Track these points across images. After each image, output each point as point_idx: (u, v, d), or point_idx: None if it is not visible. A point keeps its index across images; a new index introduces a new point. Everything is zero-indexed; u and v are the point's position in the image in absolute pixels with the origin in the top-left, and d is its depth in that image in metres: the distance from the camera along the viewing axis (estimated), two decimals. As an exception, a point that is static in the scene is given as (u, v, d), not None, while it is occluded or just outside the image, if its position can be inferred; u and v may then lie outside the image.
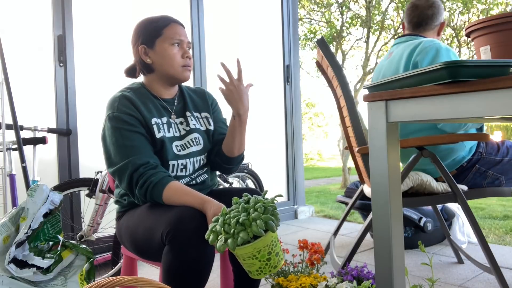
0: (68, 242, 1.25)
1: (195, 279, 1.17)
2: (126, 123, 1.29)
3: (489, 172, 1.85)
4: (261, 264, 1.06)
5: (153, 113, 1.36)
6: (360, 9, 9.18)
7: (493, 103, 0.74)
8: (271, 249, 1.06)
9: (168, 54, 1.36)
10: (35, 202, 1.21)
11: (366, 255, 2.54)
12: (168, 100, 1.44)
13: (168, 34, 1.37)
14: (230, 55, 3.47)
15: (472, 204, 4.46)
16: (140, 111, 1.32)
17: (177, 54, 1.37)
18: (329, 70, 1.95)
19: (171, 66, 1.37)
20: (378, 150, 0.96)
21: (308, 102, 12.39)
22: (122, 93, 1.36)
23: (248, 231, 1.03)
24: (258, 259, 1.05)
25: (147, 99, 1.38)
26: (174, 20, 1.41)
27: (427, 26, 2.00)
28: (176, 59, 1.37)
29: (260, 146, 3.67)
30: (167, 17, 1.40)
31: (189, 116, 1.45)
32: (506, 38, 1.04)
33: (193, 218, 1.16)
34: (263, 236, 1.03)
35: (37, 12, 2.48)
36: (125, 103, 1.32)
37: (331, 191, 6.62)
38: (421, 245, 1.27)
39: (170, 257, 1.14)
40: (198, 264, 1.15)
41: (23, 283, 1.09)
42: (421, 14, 1.99)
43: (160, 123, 1.36)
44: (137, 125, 1.30)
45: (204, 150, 1.45)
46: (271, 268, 1.07)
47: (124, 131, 1.28)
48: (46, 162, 2.45)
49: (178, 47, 1.38)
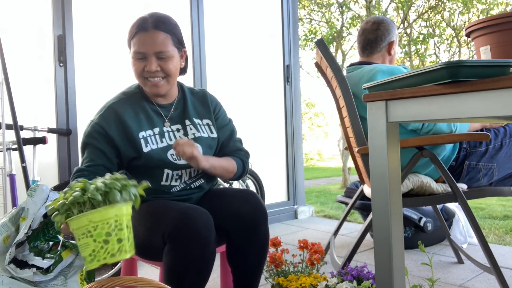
0: (68, 242, 1.25)
1: (196, 278, 1.17)
2: (95, 139, 1.32)
3: (480, 165, 1.86)
4: (96, 246, 0.90)
5: (143, 125, 1.34)
6: (360, 9, 9.18)
7: (493, 103, 0.74)
8: (112, 230, 0.91)
9: (133, 67, 1.33)
10: (35, 202, 1.21)
11: (366, 255, 2.54)
12: (164, 106, 1.41)
13: (133, 46, 1.31)
14: (230, 55, 3.47)
15: (472, 204, 4.46)
16: (126, 125, 1.32)
17: (139, 68, 1.31)
18: (328, 70, 1.95)
19: (138, 79, 1.36)
20: (378, 150, 0.96)
21: (308, 102, 12.39)
22: (112, 103, 1.36)
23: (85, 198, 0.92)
24: (94, 238, 0.90)
25: (139, 107, 1.37)
26: (143, 28, 1.30)
27: (372, 49, 2.04)
28: (138, 73, 1.33)
29: (260, 146, 3.67)
30: (139, 23, 1.31)
31: (188, 125, 1.41)
32: (506, 38, 1.04)
33: (196, 217, 1.17)
34: (101, 208, 0.91)
35: (37, 12, 2.48)
36: (108, 117, 1.33)
37: (331, 191, 6.62)
38: (421, 245, 1.27)
39: (171, 256, 1.14)
40: (200, 263, 1.15)
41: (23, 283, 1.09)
42: (366, 39, 2.05)
43: (149, 135, 1.34)
44: (103, 143, 1.31)
45: None
46: (106, 254, 0.90)
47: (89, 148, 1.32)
48: (46, 162, 2.45)
49: (142, 60, 1.30)
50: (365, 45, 2.06)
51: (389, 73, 1.82)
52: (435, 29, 9.10)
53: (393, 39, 2.04)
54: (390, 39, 2.03)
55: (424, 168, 1.87)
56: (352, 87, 1.88)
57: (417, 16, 9.10)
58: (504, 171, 1.92)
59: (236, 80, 3.49)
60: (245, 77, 3.58)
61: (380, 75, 1.82)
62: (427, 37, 8.88)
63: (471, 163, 1.86)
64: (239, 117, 3.43)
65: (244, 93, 3.57)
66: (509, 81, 0.71)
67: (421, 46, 9.18)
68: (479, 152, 1.85)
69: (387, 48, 2.04)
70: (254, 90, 3.66)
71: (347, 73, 2.06)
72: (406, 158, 1.72)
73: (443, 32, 9.15)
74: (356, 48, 2.17)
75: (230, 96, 3.35)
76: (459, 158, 1.87)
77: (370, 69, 1.89)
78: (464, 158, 1.86)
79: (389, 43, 2.03)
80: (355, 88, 1.91)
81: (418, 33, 9.13)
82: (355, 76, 1.96)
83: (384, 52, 2.04)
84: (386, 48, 2.04)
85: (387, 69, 1.85)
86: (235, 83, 3.48)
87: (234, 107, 3.36)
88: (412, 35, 9.06)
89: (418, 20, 9.17)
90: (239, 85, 3.52)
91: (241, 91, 3.53)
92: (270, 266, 1.65)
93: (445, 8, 8.83)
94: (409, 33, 9.03)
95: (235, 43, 3.52)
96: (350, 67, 2.07)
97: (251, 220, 1.30)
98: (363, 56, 2.08)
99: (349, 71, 2.05)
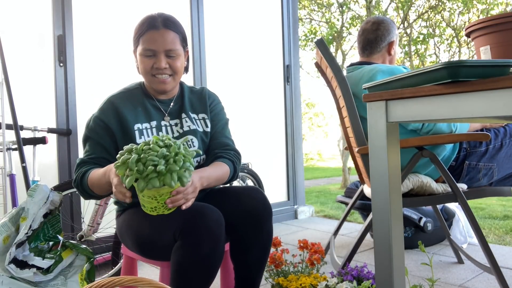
0: (68, 242, 1.25)
1: (205, 275, 1.18)
2: (95, 133, 1.36)
3: (480, 165, 1.86)
4: (158, 205, 1.10)
5: (139, 118, 1.38)
6: (360, 9, 9.18)
7: (493, 103, 0.74)
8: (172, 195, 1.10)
9: (141, 64, 1.37)
10: (35, 202, 1.21)
11: (366, 255, 2.54)
12: (163, 101, 1.44)
13: (142, 43, 1.34)
14: (230, 55, 3.47)
15: (472, 204, 4.46)
16: (122, 117, 1.35)
17: (148, 65, 1.35)
18: (328, 70, 1.95)
19: (144, 76, 1.39)
20: (378, 150, 0.96)
21: (308, 102, 12.39)
22: (111, 97, 1.41)
23: (160, 179, 1.05)
24: (157, 200, 1.09)
25: (138, 102, 1.40)
26: (154, 26, 1.33)
27: (372, 50, 2.04)
28: (146, 70, 1.36)
29: (260, 146, 3.67)
30: (149, 21, 1.34)
31: (184, 118, 1.44)
32: (506, 38, 1.04)
33: (208, 214, 1.17)
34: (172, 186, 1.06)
35: (37, 12, 2.48)
36: (106, 110, 1.38)
37: (331, 191, 6.62)
38: (421, 245, 1.27)
39: (182, 252, 1.15)
40: (210, 260, 1.16)
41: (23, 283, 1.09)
42: (365, 39, 2.05)
43: (146, 128, 1.37)
44: (104, 137, 1.36)
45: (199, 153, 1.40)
46: (165, 209, 1.11)
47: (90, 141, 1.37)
48: (46, 162, 2.45)
49: (151, 57, 1.34)
50: (365, 45, 2.06)
51: (389, 73, 1.83)
52: (435, 29, 9.11)
53: (393, 39, 2.04)
54: (390, 39, 2.03)
55: (424, 168, 1.87)
56: (352, 87, 1.88)
57: (417, 16, 9.10)
58: (504, 171, 1.92)
59: (236, 80, 3.49)
60: (245, 77, 3.58)
61: (380, 75, 1.82)
62: (427, 37, 8.89)
63: (471, 163, 1.86)
64: (239, 117, 3.43)
65: (244, 93, 3.57)
66: (509, 81, 0.71)
67: (421, 46, 9.19)
68: (479, 152, 1.85)
69: (387, 48, 2.04)
70: (254, 90, 3.66)
71: (347, 73, 2.06)
72: (406, 158, 1.73)
73: (443, 32, 9.16)
74: (356, 48, 2.18)
75: (230, 96, 3.35)
76: (459, 158, 1.87)
77: (370, 69, 1.89)
78: (464, 158, 1.86)
79: (389, 43, 2.03)
80: (355, 88, 1.91)
81: (418, 33, 9.13)
82: (355, 76, 1.96)
83: (384, 52, 2.04)
84: (386, 48, 2.04)
85: (387, 69, 1.85)
86: (235, 83, 3.48)
87: (234, 107, 3.36)
88: (412, 35, 9.07)
89: (418, 20, 9.17)
90: (239, 85, 3.52)
91: (241, 91, 3.53)
92: (270, 266, 1.65)
93: (445, 8, 8.84)
94: (409, 33, 9.04)
95: (235, 43, 3.52)
96: (350, 67, 2.07)
97: (256, 214, 1.32)
98: (363, 56, 2.08)
99: (349, 71, 2.05)
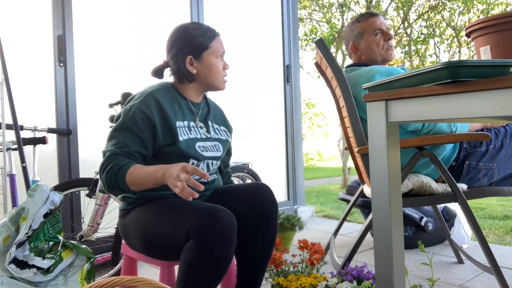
0: (69, 242, 1.25)
1: (214, 277, 1.18)
2: (136, 124, 1.31)
3: (481, 165, 1.86)
4: None
5: (178, 115, 1.39)
6: (360, 9, 9.18)
7: (493, 103, 0.74)
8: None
9: (216, 67, 1.45)
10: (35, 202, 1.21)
11: (366, 255, 2.54)
12: (195, 104, 1.50)
13: (214, 47, 1.45)
14: (230, 55, 3.46)
15: (472, 204, 4.46)
16: (165, 113, 1.35)
17: (220, 66, 1.47)
18: (328, 70, 1.95)
19: (215, 78, 1.46)
20: (378, 150, 0.96)
21: (308, 102, 12.40)
22: (151, 91, 1.38)
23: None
24: None
25: (174, 99, 1.43)
26: (218, 33, 1.49)
27: (349, 54, 2.14)
28: (220, 72, 1.47)
29: (260, 146, 3.67)
30: (213, 30, 1.47)
31: (211, 126, 1.52)
32: (506, 38, 1.04)
33: (223, 216, 1.18)
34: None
35: (37, 12, 2.48)
36: (149, 103, 1.34)
37: (331, 191, 6.62)
38: (421, 245, 1.27)
39: (194, 252, 1.15)
40: (221, 262, 1.17)
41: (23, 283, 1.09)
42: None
43: (182, 126, 1.40)
44: (144, 130, 1.31)
45: (220, 157, 1.51)
46: None
47: (127, 133, 1.30)
48: (46, 162, 2.45)
49: (222, 60, 1.48)
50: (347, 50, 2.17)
51: (387, 74, 1.83)
52: (435, 29, 9.11)
53: (351, 42, 2.09)
54: (348, 43, 2.11)
55: (424, 168, 1.87)
56: (351, 88, 1.89)
57: (417, 16, 9.11)
58: (504, 171, 1.92)
59: (236, 80, 3.49)
60: (245, 77, 3.58)
61: (378, 76, 1.83)
62: (427, 37, 8.89)
63: (471, 163, 1.86)
64: (239, 117, 3.43)
65: (244, 93, 3.57)
66: (509, 81, 0.71)
67: (421, 46, 9.19)
68: (480, 152, 1.85)
69: (353, 50, 2.10)
70: (254, 90, 3.67)
71: (345, 74, 2.07)
72: (406, 158, 1.73)
73: (443, 32, 9.16)
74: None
75: (230, 96, 3.35)
76: (459, 158, 1.87)
77: (368, 70, 1.90)
78: (464, 158, 1.86)
79: (350, 47, 2.10)
80: (353, 89, 1.91)
81: (418, 33, 9.13)
82: (353, 77, 1.97)
83: (353, 54, 2.11)
84: (351, 50, 2.11)
85: (385, 70, 1.86)
86: (235, 83, 3.48)
87: (234, 107, 3.36)
88: (412, 35, 9.07)
89: (418, 20, 9.17)
90: (239, 85, 3.51)
91: (241, 91, 3.53)
92: (270, 266, 1.65)
93: (445, 8, 8.84)
94: (409, 33, 9.04)
95: (235, 43, 3.52)
96: (348, 68, 2.08)
97: (264, 209, 1.35)
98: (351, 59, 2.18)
99: (347, 72, 2.06)
